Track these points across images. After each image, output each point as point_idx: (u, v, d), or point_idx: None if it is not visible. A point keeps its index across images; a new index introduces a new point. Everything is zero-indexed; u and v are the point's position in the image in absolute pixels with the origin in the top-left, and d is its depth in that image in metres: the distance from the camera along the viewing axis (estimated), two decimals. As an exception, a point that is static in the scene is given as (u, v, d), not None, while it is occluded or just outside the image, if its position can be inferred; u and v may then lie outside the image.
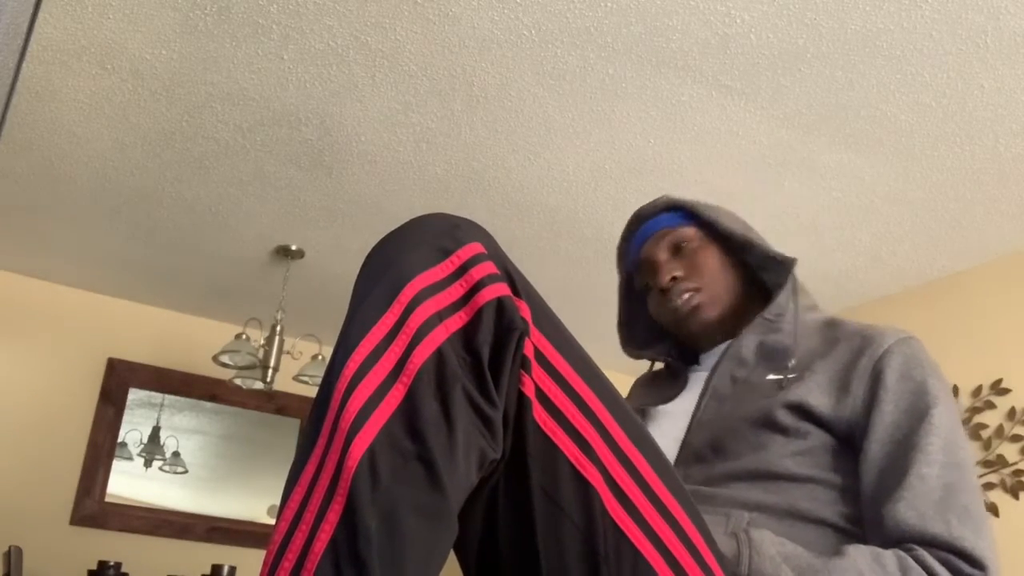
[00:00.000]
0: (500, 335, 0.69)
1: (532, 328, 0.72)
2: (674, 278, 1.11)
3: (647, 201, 1.24)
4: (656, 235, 1.16)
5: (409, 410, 0.65)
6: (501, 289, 0.70)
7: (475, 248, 0.72)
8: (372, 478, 0.62)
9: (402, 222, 0.77)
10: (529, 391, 0.71)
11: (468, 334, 0.68)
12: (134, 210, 3.10)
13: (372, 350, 0.66)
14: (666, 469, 0.78)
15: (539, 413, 0.71)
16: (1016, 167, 2.43)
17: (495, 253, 0.73)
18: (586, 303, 3.43)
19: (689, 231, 1.14)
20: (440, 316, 0.68)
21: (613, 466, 0.73)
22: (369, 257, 0.74)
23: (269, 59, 2.23)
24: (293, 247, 3.29)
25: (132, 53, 2.23)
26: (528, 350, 0.71)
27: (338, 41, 2.14)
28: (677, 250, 1.14)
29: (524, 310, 0.71)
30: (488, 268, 0.71)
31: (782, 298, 1.08)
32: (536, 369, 0.72)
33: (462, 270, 0.70)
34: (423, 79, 2.27)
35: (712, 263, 1.12)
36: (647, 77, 2.19)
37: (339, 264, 3.43)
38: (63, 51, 2.24)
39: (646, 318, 1.23)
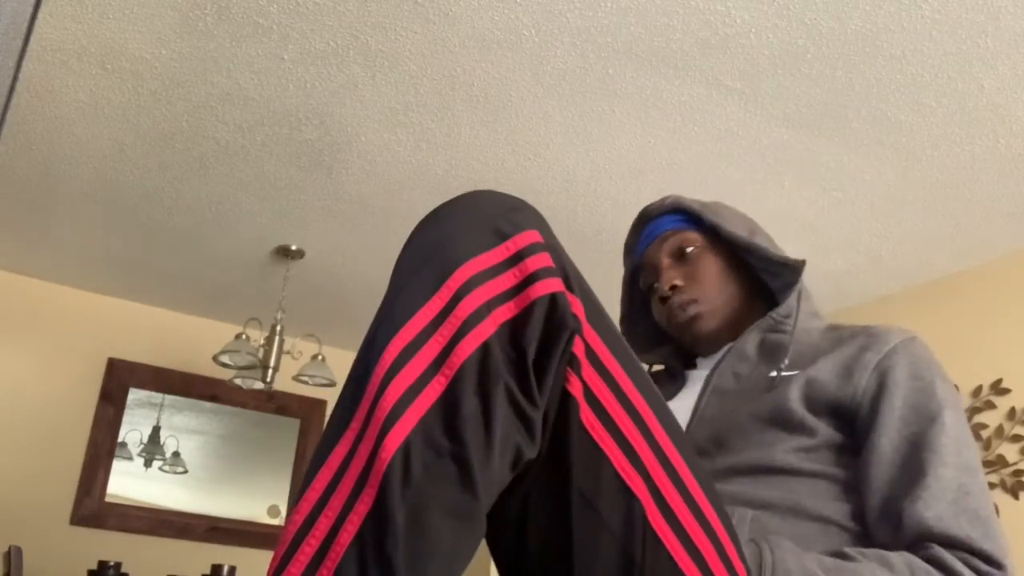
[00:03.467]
0: (549, 333, 0.66)
1: (585, 326, 0.69)
2: (674, 287, 1.10)
3: (647, 201, 1.24)
4: (660, 237, 1.14)
5: (448, 405, 0.62)
6: (555, 284, 0.67)
7: (532, 236, 0.68)
8: (404, 473, 0.60)
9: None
10: (576, 391, 0.68)
11: (516, 328, 0.66)
12: (134, 210, 3.10)
13: (416, 336, 0.64)
14: (705, 476, 0.76)
15: (587, 415, 0.68)
16: (1016, 167, 2.43)
17: (552, 244, 0.69)
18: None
19: (692, 236, 1.13)
20: (489, 307, 0.65)
21: (659, 476, 0.71)
22: (417, 232, 0.71)
23: (269, 59, 2.23)
24: (293, 247, 3.29)
25: (132, 53, 2.23)
26: (578, 349, 0.68)
27: (338, 41, 2.14)
28: (679, 255, 1.12)
29: (577, 307, 0.68)
30: (544, 260, 0.67)
31: (792, 300, 1.07)
32: (587, 369, 0.69)
33: (517, 258, 0.67)
34: (423, 79, 2.27)
35: (713, 271, 1.11)
36: (647, 77, 2.19)
37: (339, 264, 3.43)
38: (63, 51, 2.24)
39: (649, 315, 1.22)
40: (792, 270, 1.09)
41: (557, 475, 0.69)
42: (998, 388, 2.81)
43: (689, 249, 1.12)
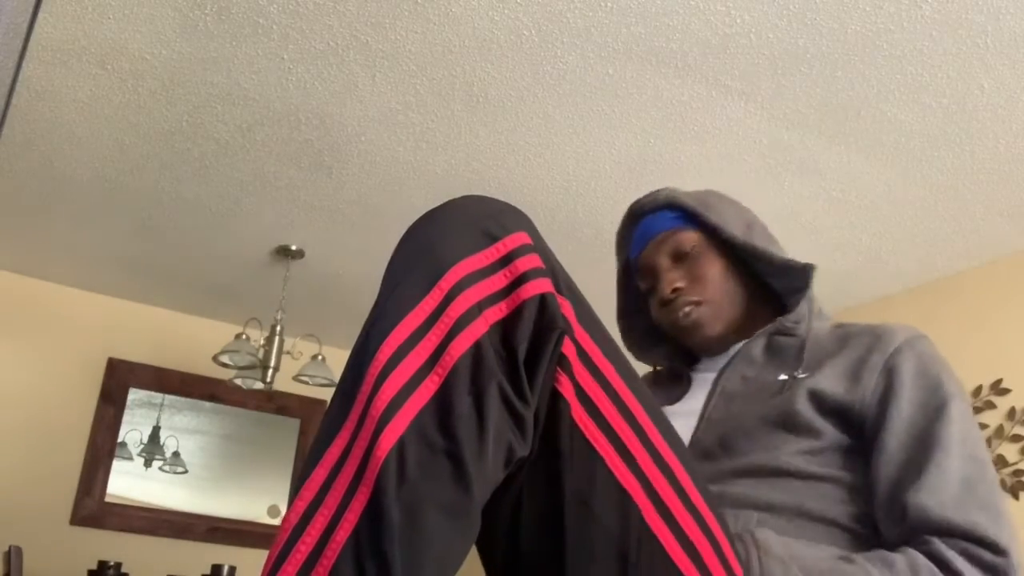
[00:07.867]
0: (539, 333, 0.67)
1: (576, 326, 0.70)
2: (676, 289, 1.07)
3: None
4: (657, 239, 1.11)
5: (442, 404, 0.63)
6: (545, 285, 0.68)
7: (521, 238, 0.69)
8: (399, 471, 0.61)
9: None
10: (567, 391, 0.68)
11: (507, 328, 0.66)
12: (134, 210, 3.10)
13: (409, 336, 0.64)
14: (698, 474, 0.77)
15: (579, 415, 0.69)
16: (1016, 167, 2.43)
17: (540, 245, 0.71)
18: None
19: (691, 236, 1.09)
20: (480, 307, 0.66)
21: (654, 474, 0.71)
22: (409, 234, 0.72)
23: (269, 59, 2.23)
24: (293, 247, 3.29)
25: (132, 53, 2.23)
26: (568, 349, 0.68)
27: (338, 41, 2.14)
28: (679, 256, 1.09)
29: (567, 308, 0.69)
30: (533, 261, 0.68)
31: (803, 308, 1.05)
32: (579, 369, 0.69)
33: (507, 259, 0.68)
34: (423, 79, 2.27)
35: (715, 272, 1.08)
36: (647, 77, 2.19)
37: (339, 264, 3.43)
38: (63, 51, 2.24)
39: (646, 312, 1.20)
40: (800, 274, 1.06)
41: (550, 475, 0.69)
42: (998, 388, 2.81)
43: (689, 249, 1.09)
